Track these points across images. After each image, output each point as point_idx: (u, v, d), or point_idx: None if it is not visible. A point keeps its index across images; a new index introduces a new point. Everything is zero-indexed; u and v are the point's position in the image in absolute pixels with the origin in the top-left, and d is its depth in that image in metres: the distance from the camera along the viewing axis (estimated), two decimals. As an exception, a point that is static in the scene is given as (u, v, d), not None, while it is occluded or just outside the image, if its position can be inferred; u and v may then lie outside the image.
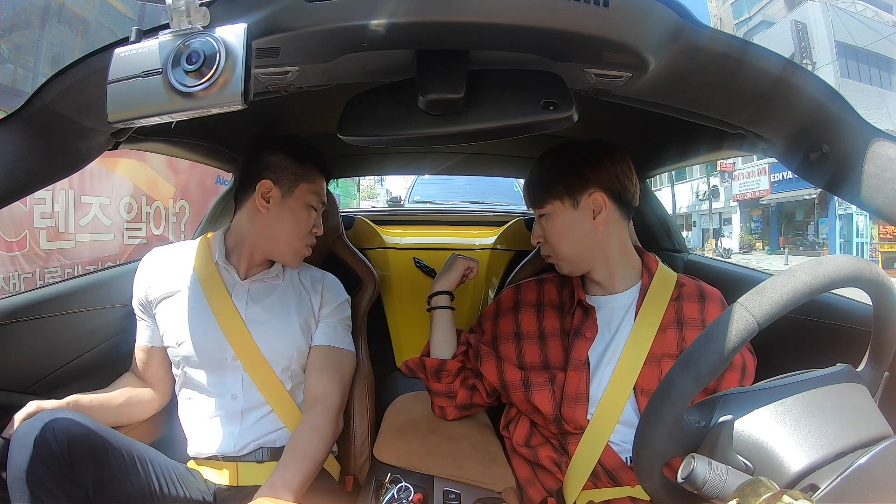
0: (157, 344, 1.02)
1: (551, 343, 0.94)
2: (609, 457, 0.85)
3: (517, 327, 0.98)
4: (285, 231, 1.01)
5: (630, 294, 0.94)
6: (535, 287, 1.02)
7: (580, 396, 0.87)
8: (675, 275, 0.96)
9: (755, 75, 0.60)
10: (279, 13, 0.50)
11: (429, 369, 1.01)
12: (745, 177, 18.47)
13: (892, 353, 0.56)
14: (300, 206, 1.02)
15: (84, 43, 3.88)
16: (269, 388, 0.98)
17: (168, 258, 1.04)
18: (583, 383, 0.88)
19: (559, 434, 0.90)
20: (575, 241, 0.92)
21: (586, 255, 0.93)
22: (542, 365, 0.93)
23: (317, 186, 1.05)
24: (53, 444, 0.71)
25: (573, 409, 0.87)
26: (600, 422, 0.86)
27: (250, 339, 0.98)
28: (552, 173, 0.93)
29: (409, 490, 0.83)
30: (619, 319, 0.92)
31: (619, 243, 0.94)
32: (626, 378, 0.86)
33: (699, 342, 0.49)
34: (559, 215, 0.92)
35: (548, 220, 0.94)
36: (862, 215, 13.75)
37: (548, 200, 0.93)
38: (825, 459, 0.46)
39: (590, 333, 0.91)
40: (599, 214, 0.91)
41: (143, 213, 3.50)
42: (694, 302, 0.92)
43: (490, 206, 3.36)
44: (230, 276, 1.02)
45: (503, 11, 0.50)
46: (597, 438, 0.86)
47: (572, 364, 0.89)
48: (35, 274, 2.71)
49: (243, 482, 0.95)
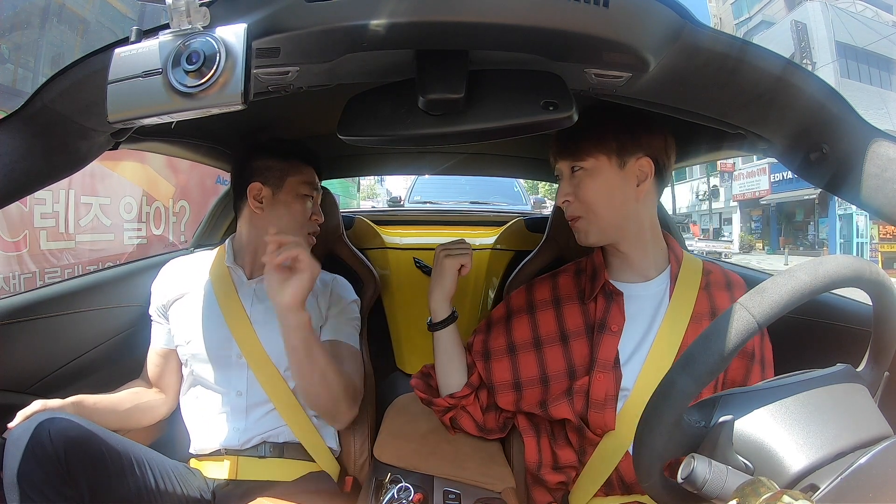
0: (173, 347, 1.04)
1: (575, 344, 0.86)
2: (628, 466, 0.79)
3: (535, 331, 0.89)
4: (283, 224, 1.03)
5: (661, 281, 0.86)
6: (549, 283, 0.94)
7: (609, 399, 0.80)
8: (700, 261, 0.89)
9: (755, 75, 0.60)
10: (279, 13, 0.50)
11: (439, 407, 0.96)
12: (745, 177, 18.47)
13: (891, 354, 0.56)
14: (292, 199, 1.04)
15: (84, 43, 3.88)
16: (273, 386, 0.99)
17: (187, 265, 1.09)
18: (611, 385, 0.80)
19: (580, 440, 0.84)
20: (613, 205, 0.82)
21: (621, 224, 0.83)
22: (566, 371, 0.86)
23: (305, 176, 1.07)
24: (48, 445, 0.71)
25: (601, 413, 0.80)
26: (624, 424, 0.79)
27: (255, 337, 1.00)
28: (604, 126, 0.82)
29: (409, 490, 0.83)
30: (652, 309, 0.84)
31: (651, 221, 0.86)
32: (655, 377, 0.75)
33: (699, 342, 0.49)
34: (602, 172, 0.82)
35: (588, 176, 0.83)
36: (862, 215, 13.75)
37: (593, 153, 0.82)
38: (825, 459, 0.46)
39: (616, 326, 0.83)
40: (644, 183, 0.83)
41: (143, 213, 3.50)
42: (723, 290, 0.85)
43: (490, 206, 3.36)
44: (238, 277, 1.05)
45: (503, 11, 0.50)
46: (617, 444, 0.79)
47: (599, 365, 0.81)
48: (35, 274, 2.71)
49: (242, 476, 0.95)
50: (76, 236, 2.99)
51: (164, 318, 1.05)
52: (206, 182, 4.03)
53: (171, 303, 1.04)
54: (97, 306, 1.04)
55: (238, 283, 1.04)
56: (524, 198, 4.70)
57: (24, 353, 0.89)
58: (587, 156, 0.83)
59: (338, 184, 6.51)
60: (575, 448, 0.86)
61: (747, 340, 0.48)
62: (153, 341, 1.06)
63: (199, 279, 1.05)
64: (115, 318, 1.07)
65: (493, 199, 3.87)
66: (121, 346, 1.07)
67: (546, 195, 10.63)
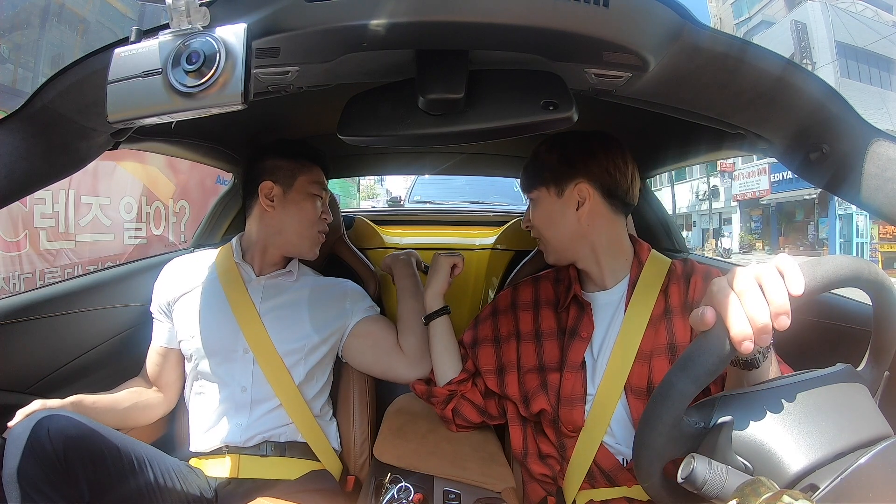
0: (174, 345, 1.04)
1: (548, 344, 0.93)
2: (604, 457, 0.85)
3: (516, 327, 0.97)
4: (294, 223, 1.05)
5: (618, 290, 0.91)
6: (531, 286, 1.01)
7: (576, 397, 0.87)
8: (669, 261, 0.92)
9: (755, 75, 0.60)
10: (279, 13, 0.50)
11: (439, 398, 1.01)
12: (745, 177, 18.47)
13: (892, 353, 0.56)
14: (303, 197, 1.06)
15: (84, 43, 3.88)
16: (279, 381, 0.99)
17: (191, 263, 1.10)
18: (578, 384, 0.87)
19: (557, 435, 0.89)
20: (558, 230, 0.91)
21: (570, 246, 0.92)
22: (537, 366, 0.92)
23: (315, 176, 1.08)
24: (47, 444, 0.71)
25: (570, 410, 0.86)
26: (593, 422, 0.85)
27: (263, 331, 1.01)
28: (542, 160, 0.93)
29: (409, 490, 0.83)
30: (609, 316, 0.90)
31: (608, 237, 0.91)
32: (618, 377, 0.84)
33: (697, 343, 0.49)
34: (544, 202, 0.93)
35: (535, 206, 0.95)
36: (862, 215, 13.75)
37: (535, 186, 0.93)
38: (825, 459, 0.46)
39: (586, 333, 0.89)
40: (583, 206, 0.89)
41: (143, 213, 3.50)
42: (678, 284, 0.89)
43: (490, 206, 3.36)
44: (246, 273, 1.06)
45: (503, 11, 0.50)
46: (591, 439, 0.85)
47: (568, 366, 0.88)
48: (35, 274, 2.71)
49: (244, 474, 0.96)
50: (76, 236, 2.99)
51: (166, 315, 1.05)
52: (206, 182, 4.04)
53: (176, 299, 1.04)
54: (97, 306, 1.04)
55: (246, 279, 1.06)
56: (524, 198, 4.68)
57: (24, 353, 0.89)
58: (531, 189, 0.95)
59: (338, 184, 6.50)
60: (553, 441, 0.90)
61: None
62: (154, 339, 1.06)
63: (205, 276, 1.06)
64: (115, 317, 1.07)
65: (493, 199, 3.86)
66: (121, 346, 1.07)
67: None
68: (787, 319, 0.46)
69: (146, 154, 3.21)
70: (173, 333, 1.04)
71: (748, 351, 0.46)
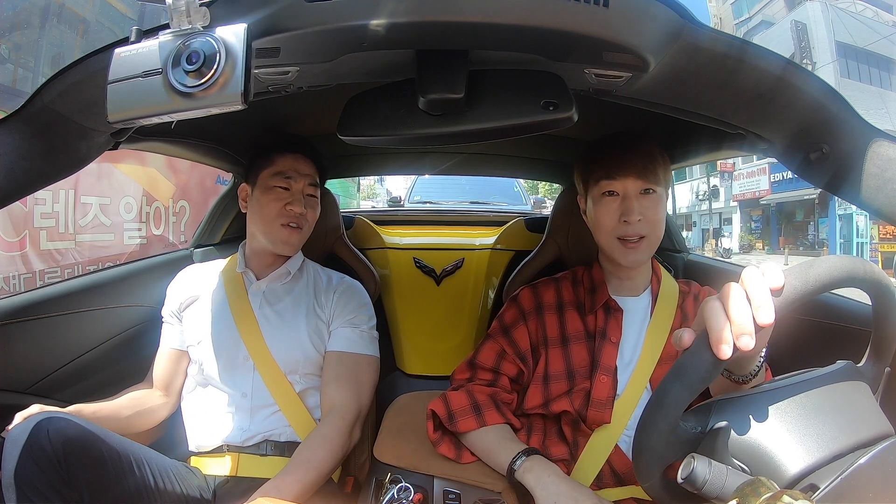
0: (184, 348, 1.05)
1: (575, 347, 0.93)
2: (618, 458, 0.85)
3: (544, 333, 0.95)
4: (258, 221, 1.06)
5: (646, 296, 0.96)
6: (553, 287, 1.00)
7: (608, 400, 0.87)
8: (674, 280, 0.99)
9: (755, 75, 0.60)
10: (279, 13, 0.50)
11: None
12: (745, 177, 18.47)
13: (892, 349, 0.56)
14: (262, 192, 1.05)
15: (84, 43, 3.88)
16: (279, 389, 1.00)
17: (204, 270, 1.12)
18: (609, 387, 0.88)
19: (574, 433, 0.89)
20: (661, 230, 0.93)
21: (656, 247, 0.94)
22: (566, 372, 0.91)
23: (276, 167, 1.05)
24: (46, 445, 0.70)
25: (600, 412, 0.87)
26: (613, 423, 0.86)
27: (261, 340, 1.01)
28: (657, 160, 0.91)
29: (409, 490, 0.83)
30: (639, 321, 0.93)
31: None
32: (642, 380, 0.88)
33: (691, 350, 0.49)
34: (662, 199, 0.93)
35: (656, 201, 0.90)
36: (862, 215, 13.75)
37: (661, 182, 0.91)
38: (825, 459, 0.46)
39: (615, 337, 0.91)
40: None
41: (143, 213, 3.50)
42: (691, 299, 0.96)
43: (490, 206, 3.36)
44: (248, 279, 1.08)
45: (503, 11, 0.50)
46: (607, 438, 0.86)
47: (602, 369, 0.89)
48: (35, 274, 2.71)
49: (243, 473, 0.96)
50: (76, 236, 2.99)
51: (177, 319, 1.06)
52: (206, 182, 4.03)
53: (187, 305, 1.06)
54: (97, 306, 1.04)
55: (248, 285, 1.07)
56: (524, 198, 4.70)
57: (24, 353, 0.89)
58: (659, 183, 0.90)
59: (338, 184, 6.51)
60: (568, 441, 0.89)
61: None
62: (163, 342, 1.06)
63: (213, 282, 1.08)
64: (115, 318, 1.07)
65: (493, 199, 3.87)
66: (121, 347, 1.07)
67: (546, 195, 10.60)
68: (768, 312, 0.45)
69: (146, 154, 3.21)
70: (184, 338, 1.05)
71: (727, 356, 0.45)
